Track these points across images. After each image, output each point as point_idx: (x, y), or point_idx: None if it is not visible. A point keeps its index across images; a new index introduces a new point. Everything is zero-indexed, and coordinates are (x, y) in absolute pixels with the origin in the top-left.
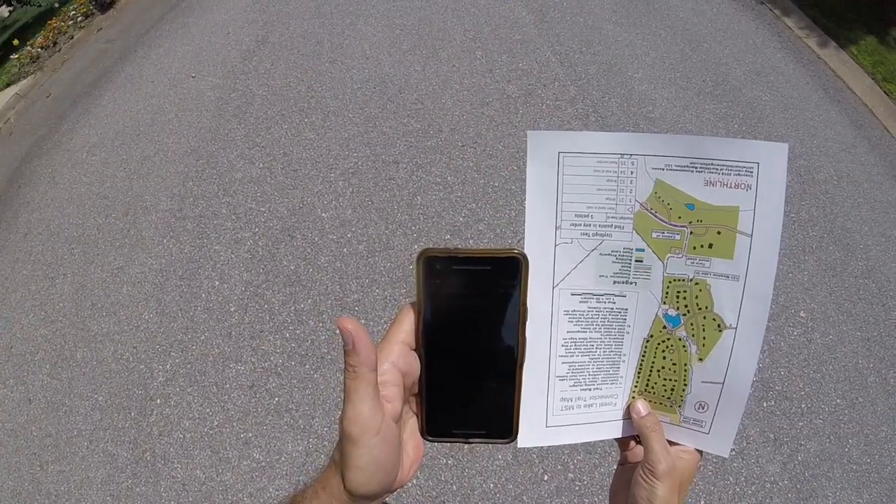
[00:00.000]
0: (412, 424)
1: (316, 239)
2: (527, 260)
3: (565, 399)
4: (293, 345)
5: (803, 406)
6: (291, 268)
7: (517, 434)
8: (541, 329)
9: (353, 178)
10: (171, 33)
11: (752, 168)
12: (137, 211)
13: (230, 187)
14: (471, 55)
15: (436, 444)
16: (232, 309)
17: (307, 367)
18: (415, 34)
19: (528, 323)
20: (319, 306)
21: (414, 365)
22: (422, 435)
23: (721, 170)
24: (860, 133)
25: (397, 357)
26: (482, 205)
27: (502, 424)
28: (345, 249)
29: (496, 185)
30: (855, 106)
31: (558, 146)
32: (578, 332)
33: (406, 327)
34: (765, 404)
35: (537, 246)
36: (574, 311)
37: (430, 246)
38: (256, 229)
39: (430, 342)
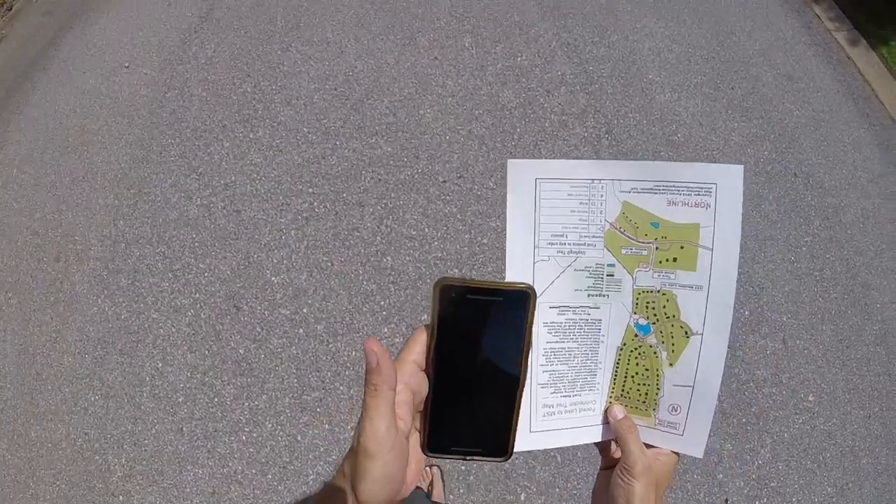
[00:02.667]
0: (415, 439)
1: (266, 314)
2: (535, 293)
3: (547, 405)
4: (251, 449)
5: (794, 500)
6: (240, 352)
7: (512, 453)
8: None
9: (307, 227)
10: (109, 3)
11: (710, 188)
12: (69, 256)
13: (164, 232)
14: (457, 43)
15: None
16: (180, 400)
17: (269, 476)
18: (388, 11)
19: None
20: (276, 405)
21: (423, 385)
22: (422, 450)
23: (682, 191)
24: (887, 158)
25: (409, 377)
26: (467, 269)
27: (499, 443)
28: (300, 330)
29: (485, 241)
30: (882, 121)
31: (535, 173)
32: (557, 342)
33: (418, 348)
34: (757, 503)
35: (518, 263)
36: (552, 322)
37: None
38: (197, 295)
39: (440, 364)
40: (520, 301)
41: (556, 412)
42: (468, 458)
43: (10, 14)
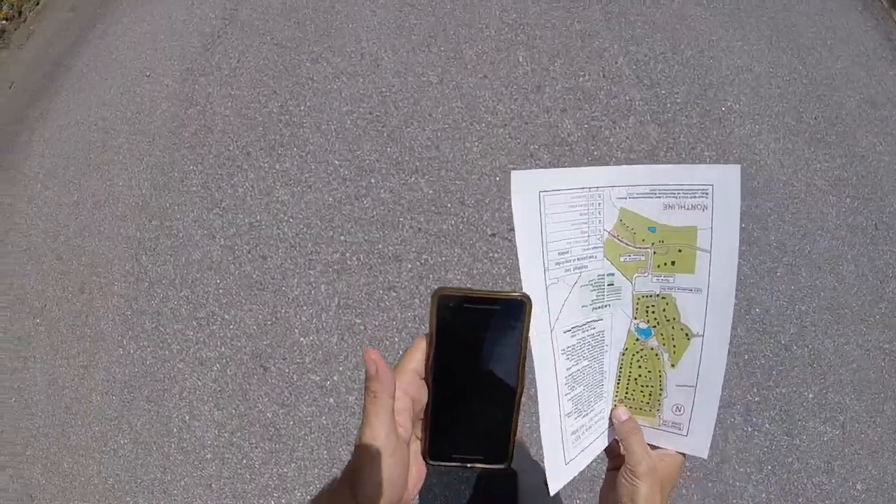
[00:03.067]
0: (416, 447)
1: (294, 377)
2: (531, 302)
3: (574, 432)
4: None
5: None
6: (268, 415)
7: (511, 459)
8: (548, 376)
9: (339, 281)
10: (132, 2)
11: (706, 190)
12: (93, 289)
13: (188, 274)
14: (509, 57)
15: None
16: (208, 457)
17: None
18: (431, 15)
19: (531, 365)
20: (306, 475)
21: (422, 393)
22: (423, 458)
23: (678, 194)
24: None
25: (408, 385)
26: None
27: (498, 451)
28: (331, 399)
29: None
30: None
31: (539, 185)
32: (573, 365)
33: (418, 357)
34: None
35: (534, 293)
36: (567, 347)
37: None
38: (223, 349)
39: (438, 373)
40: (516, 310)
41: (581, 434)
42: (469, 465)
43: (38, 8)
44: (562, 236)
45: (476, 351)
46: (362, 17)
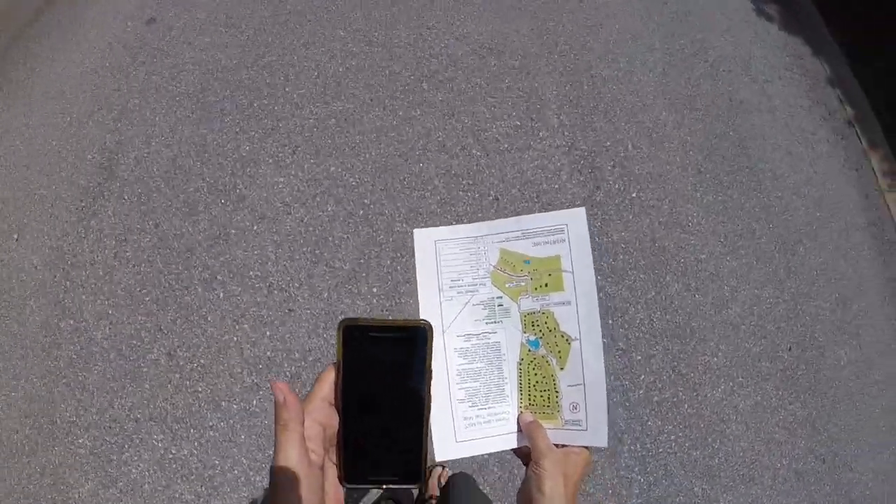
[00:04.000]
0: (332, 472)
1: None
2: (432, 329)
3: (467, 418)
4: None
5: None
6: None
7: (426, 478)
8: (439, 364)
9: None
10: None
11: (562, 228)
12: None
13: None
14: None
15: (354, 490)
16: None
17: None
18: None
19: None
20: None
21: (333, 419)
22: (340, 482)
23: (541, 234)
24: None
25: (318, 412)
26: None
27: (412, 470)
28: None
29: None
30: None
31: (434, 237)
32: (467, 363)
33: (326, 386)
34: None
35: (428, 304)
36: (461, 347)
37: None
38: None
39: (348, 399)
40: (419, 336)
41: (476, 423)
42: (385, 486)
43: None
44: (454, 269)
45: (383, 376)
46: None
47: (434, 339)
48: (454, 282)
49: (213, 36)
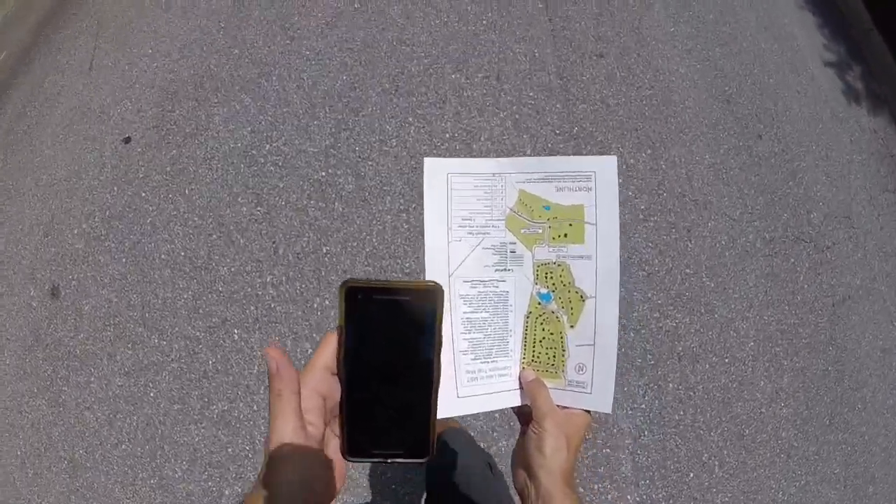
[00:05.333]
0: (334, 445)
1: None
2: (442, 291)
3: (469, 371)
4: None
5: None
6: None
7: (433, 453)
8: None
9: None
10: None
11: (590, 175)
12: None
13: None
14: None
15: (357, 463)
16: None
17: None
18: None
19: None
20: None
21: (334, 389)
22: (342, 455)
23: (566, 179)
24: None
25: (318, 382)
26: None
27: (418, 444)
28: None
29: None
30: None
31: (447, 169)
32: (472, 312)
33: (328, 353)
34: None
35: (435, 243)
36: (467, 294)
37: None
38: None
39: (351, 367)
40: (428, 299)
41: (479, 377)
42: (389, 460)
43: None
44: (465, 207)
45: (389, 342)
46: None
47: (445, 301)
48: (465, 221)
49: None
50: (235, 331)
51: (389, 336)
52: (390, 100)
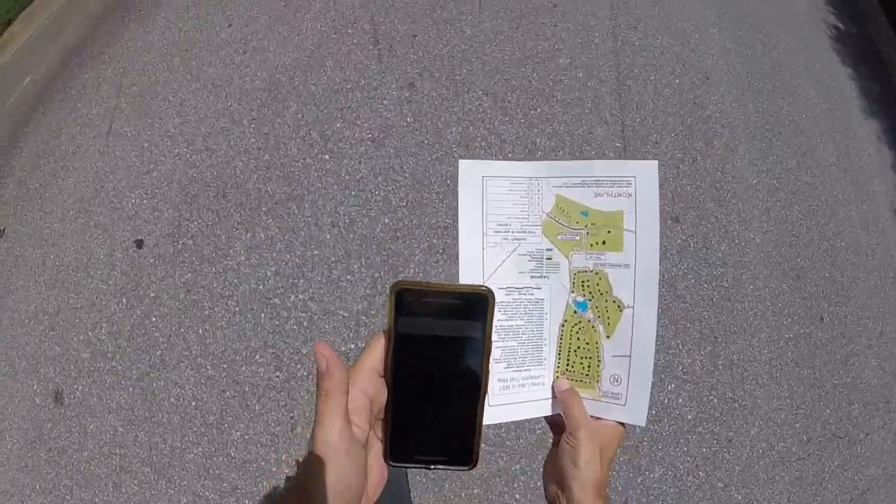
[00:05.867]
0: (377, 448)
1: None
2: (493, 296)
3: (502, 380)
4: None
5: None
6: None
7: (476, 461)
8: None
9: None
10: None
11: (630, 181)
12: None
13: None
14: None
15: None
16: None
17: None
18: None
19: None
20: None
21: (381, 392)
22: (385, 460)
23: (606, 184)
24: None
25: (366, 383)
26: None
27: (463, 452)
28: None
29: None
30: None
31: (482, 172)
32: (506, 320)
33: (376, 355)
34: None
35: (469, 249)
36: (501, 302)
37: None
38: None
39: (398, 371)
40: (479, 304)
41: (511, 386)
42: (432, 466)
43: None
44: (501, 212)
45: (438, 347)
46: None
47: (495, 307)
48: (501, 226)
49: None
50: (247, 501)
51: (439, 340)
52: (436, 261)
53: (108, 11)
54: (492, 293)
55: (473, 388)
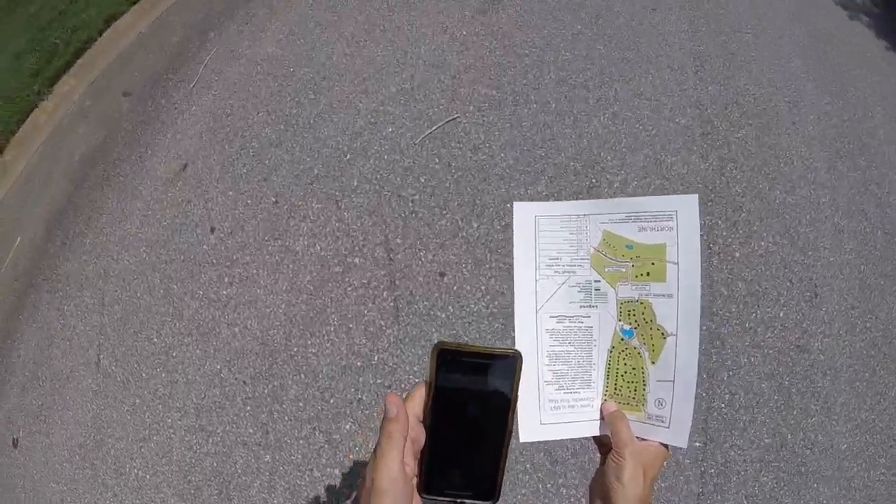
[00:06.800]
0: (413, 482)
1: None
2: (521, 357)
3: (553, 401)
4: None
5: None
6: None
7: (499, 497)
8: (530, 343)
9: None
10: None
11: (671, 215)
12: None
13: None
14: None
15: (430, 501)
16: None
17: None
18: None
19: (519, 340)
20: None
21: (421, 435)
22: (419, 492)
23: (649, 219)
24: None
25: (410, 429)
26: None
27: (487, 488)
28: None
29: None
30: None
31: (536, 212)
32: (558, 345)
33: (417, 402)
34: None
35: (524, 281)
36: (553, 329)
37: (445, 339)
38: None
39: (436, 417)
40: (508, 364)
41: (561, 407)
42: (459, 500)
43: None
44: (553, 247)
45: (471, 399)
46: None
47: (523, 367)
48: (552, 260)
49: None
50: None
51: (472, 393)
52: None
53: (89, 166)
54: (520, 355)
55: (500, 434)
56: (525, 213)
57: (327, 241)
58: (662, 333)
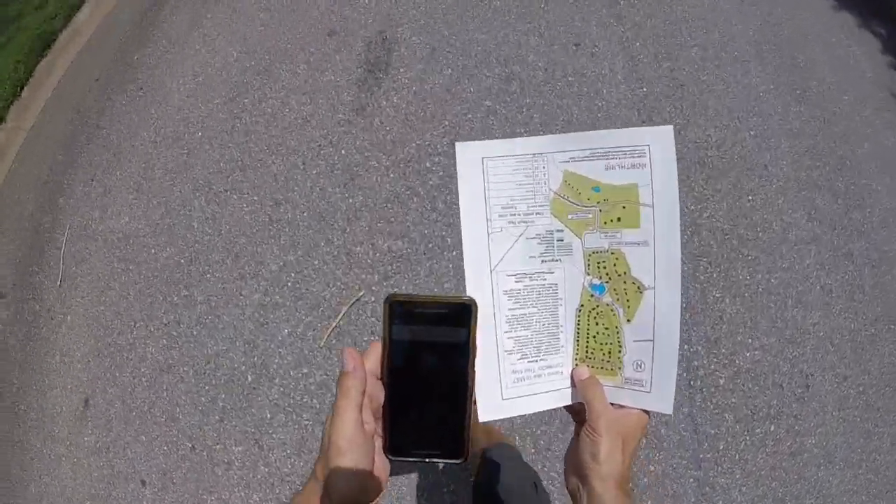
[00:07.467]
0: (377, 445)
1: None
2: (476, 305)
3: (516, 371)
4: None
5: None
6: None
7: (468, 455)
8: (485, 309)
9: None
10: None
11: (643, 150)
12: None
13: None
14: None
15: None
16: None
17: None
18: None
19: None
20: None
21: (379, 392)
22: (384, 454)
23: (617, 155)
24: None
25: (369, 385)
26: None
27: (454, 446)
28: None
29: None
30: None
31: (482, 153)
32: (518, 308)
33: (373, 359)
34: None
35: (473, 237)
36: (511, 289)
37: (397, 291)
38: None
39: (393, 374)
40: (463, 312)
41: (526, 377)
42: (427, 460)
43: None
44: (505, 194)
45: (428, 352)
46: None
47: (479, 314)
48: (505, 209)
49: None
50: None
51: (428, 346)
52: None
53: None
54: (474, 302)
55: (461, 388)
56: (470, 156)
57: (263, 491)
58: (638, 287)
